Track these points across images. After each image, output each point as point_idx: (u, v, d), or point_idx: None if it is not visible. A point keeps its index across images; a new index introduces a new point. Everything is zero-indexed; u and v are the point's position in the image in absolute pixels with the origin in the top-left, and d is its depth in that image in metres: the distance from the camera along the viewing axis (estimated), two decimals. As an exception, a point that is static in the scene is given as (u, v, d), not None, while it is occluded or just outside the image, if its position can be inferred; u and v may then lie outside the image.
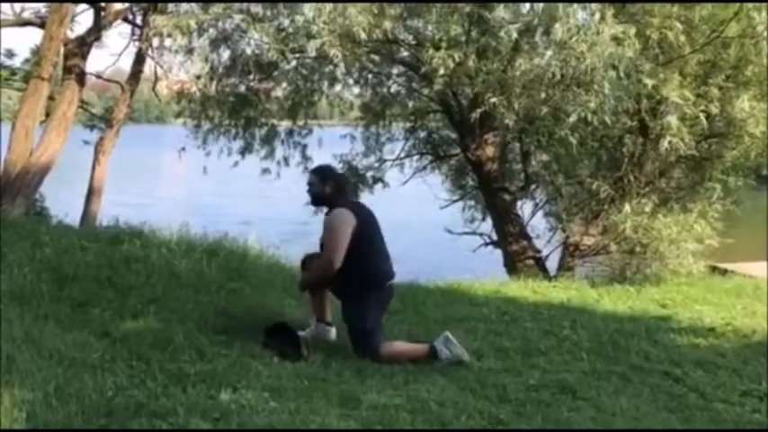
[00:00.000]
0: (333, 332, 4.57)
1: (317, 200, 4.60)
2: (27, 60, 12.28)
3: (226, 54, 8.82)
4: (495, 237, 10.01)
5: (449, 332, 4.33)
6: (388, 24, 7.25)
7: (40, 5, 10.59)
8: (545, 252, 9.47)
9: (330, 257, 4.24)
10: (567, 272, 8.59)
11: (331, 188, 4.47)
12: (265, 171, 10.28)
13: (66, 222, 8.92)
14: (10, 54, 12.17)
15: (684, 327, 5.60)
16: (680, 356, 4.69)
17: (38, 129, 9.63)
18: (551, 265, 9.34)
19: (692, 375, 4.32)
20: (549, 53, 7.06)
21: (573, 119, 6.72)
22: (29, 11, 10.84)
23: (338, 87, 9.98)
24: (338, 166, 10.62)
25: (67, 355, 3.58)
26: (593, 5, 6.82)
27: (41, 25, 10.07)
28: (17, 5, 10.93)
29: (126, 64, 11.81)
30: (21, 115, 9.30)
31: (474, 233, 10.87)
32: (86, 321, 4.25)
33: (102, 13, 10.17)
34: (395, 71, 10.03)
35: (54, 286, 4.76)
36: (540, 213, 10.16)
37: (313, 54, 7.37)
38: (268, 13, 8.05)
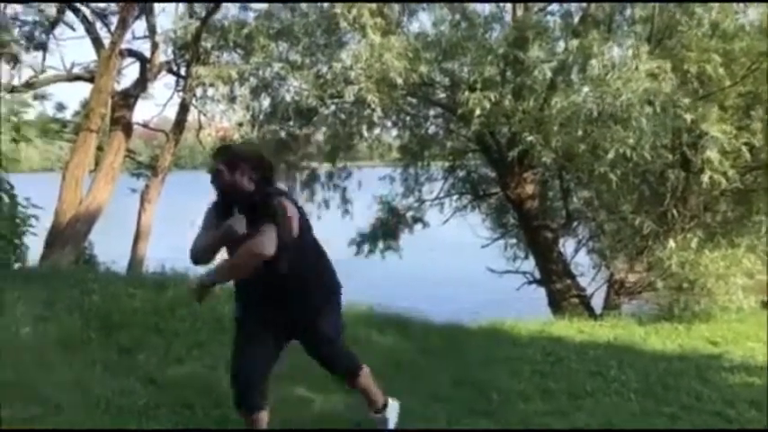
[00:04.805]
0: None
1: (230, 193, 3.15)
2: (77, 113, 12.70)
3: (266, 101, 9.08)
4: (538, 275, 9.93)
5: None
6: (423, 68, 7.39)
7: (90, 61, 11.01)
8: (590, 290, 9.34)
9: (263, 246, 2.98)
10: (613, 310, 8.44)
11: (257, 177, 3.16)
12: (306, 214, 10.40)
13: (114, 269, 9.09)
14: (61, 107, 12.61)
15: (736, 365, 5.44)
16: (732, 396, 4.55)
17: (87, 178, 9.93)
18: (597, 303, 9.19)
19: (745, 416, 4.19)
20: (585, 90, 7.08)
21: (611, 155, 6.69)
22: (78, 66, 11.26)
23: (377, 130, 10.12)
24: (378, 208, 10.73)
25: (114, 401, 3.65)
26: (629, 41, 6.84)
27: (90, 79, 10.46)
28: (68, 62, 11.34)
29: (172, 113, 12.15)
30: (71, 166, 9.62)
31: (517, 272, 10.80)
32: (133, 368, 4.33)
33: (148, 66, 10.52)
34: (432, 113, 10.15)
35: (102, 333, 4.85)
36: (583, 251, 10.05)
37: (351, 99, 7.51)
38: (307, 60, 8.26)
